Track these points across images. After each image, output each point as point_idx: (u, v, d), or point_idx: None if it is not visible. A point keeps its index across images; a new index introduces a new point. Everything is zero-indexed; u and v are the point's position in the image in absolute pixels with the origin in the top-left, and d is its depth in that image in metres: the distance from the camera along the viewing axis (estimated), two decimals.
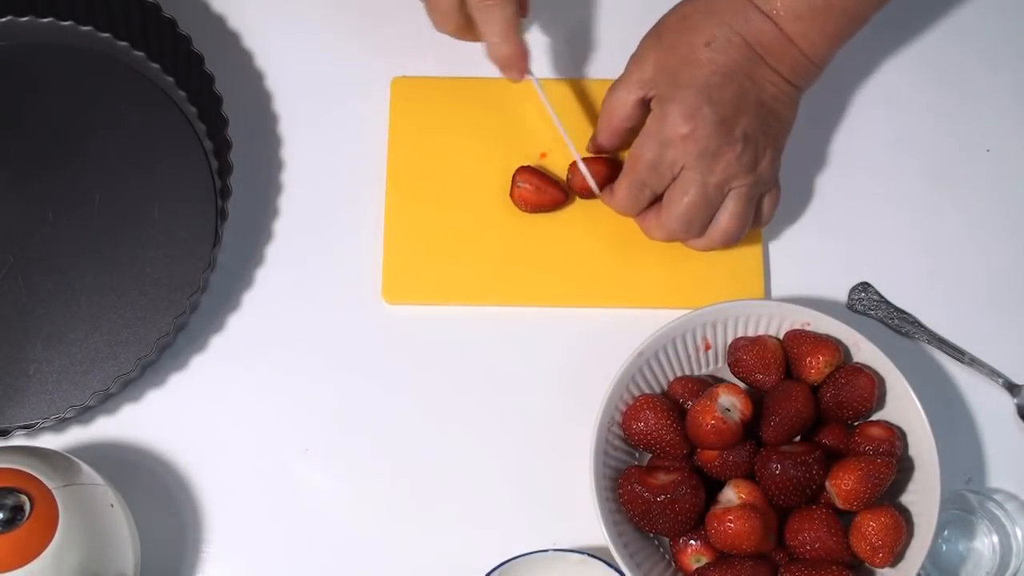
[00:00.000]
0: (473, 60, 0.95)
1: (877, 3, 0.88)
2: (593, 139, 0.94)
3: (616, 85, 0.90)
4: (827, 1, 0.86)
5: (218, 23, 0.99)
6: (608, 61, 0.98)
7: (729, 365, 0.89)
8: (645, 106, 0.88)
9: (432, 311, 0.94)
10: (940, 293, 0.94)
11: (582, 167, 0.92)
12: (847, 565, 0.84)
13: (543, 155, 0.96)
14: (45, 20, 0.96)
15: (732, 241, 0.89)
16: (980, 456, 0.91)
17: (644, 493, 0.83)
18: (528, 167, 0.94)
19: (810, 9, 0.86)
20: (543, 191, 0.93)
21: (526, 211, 0.94)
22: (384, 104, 0.97)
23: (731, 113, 0.85)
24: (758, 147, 0.87)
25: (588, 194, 0.93)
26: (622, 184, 0.89)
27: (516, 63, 0.89)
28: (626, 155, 0.90)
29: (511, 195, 0.93)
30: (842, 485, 0.83)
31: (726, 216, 0.88)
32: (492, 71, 0.96)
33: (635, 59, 0.89)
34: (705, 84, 0.85)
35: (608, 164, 0.93)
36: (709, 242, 0.90)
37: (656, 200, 0.89)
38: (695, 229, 0.89)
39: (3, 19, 0.96)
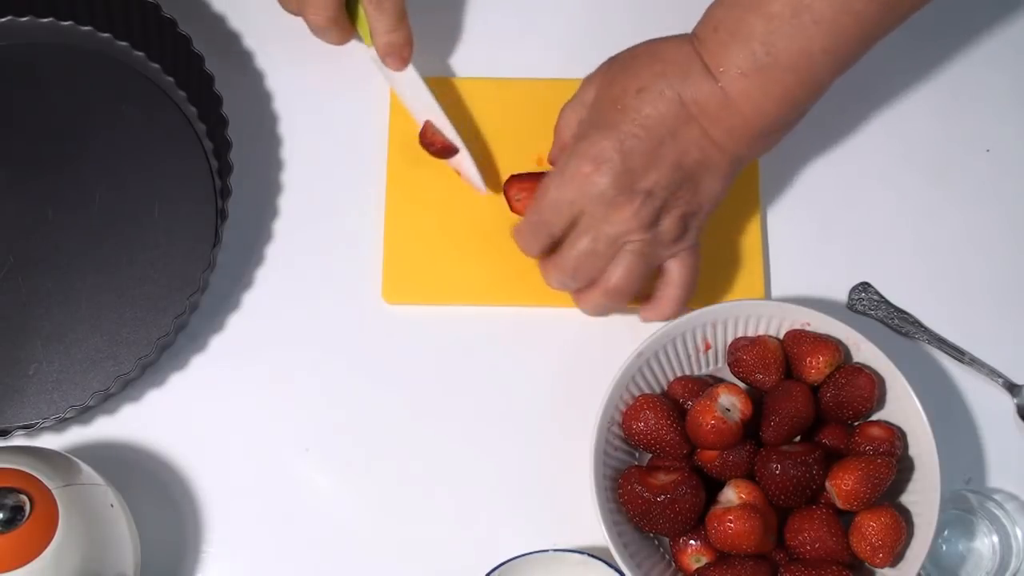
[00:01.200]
0: (473, 60, 0.95)
1: (833, 68, 0.82)
2: (550, 155, 0.91)
3: (568, 104, 0.88)
4: (774, 60, 0.80)
5: (218, 23, 0.99)
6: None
7: (729, 365, 0.89)
8: None
9: (432, 311, 0.94)
10: (940, 293, 0.94)
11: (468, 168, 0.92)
12: (847, 565, 0.84)
13: (539, 160, 0.95)
14: (45, 20, 0.96)
15: (621, 302, 0.86)
16: (980, 456, 0.91)
17: (644, 493, 0.83)
18: (515, 177, 0.92)
19: (756, 67, 0.80)
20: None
21: None
22: (384, 104, 0.97)
23: (639, 166, 0.82)
24: (663, 206, 0.83)
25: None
26: (524, 222, 0.87)
27: (403, 51, 0.90)
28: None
29: (512, 209, 0.92)
30: (842, 485, 0.83)
31: (616, 272, 0.84)
32: (492, 71, 0.96)
33: (587, 80, 0.87)
34: (623, 131, 0.82)
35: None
36: (596, 301, 0.86)
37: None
38: (581, 278, 0.85)
39: (3, 19, 0.96)
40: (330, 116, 0.97)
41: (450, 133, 0.92)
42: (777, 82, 0.81)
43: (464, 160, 0.93)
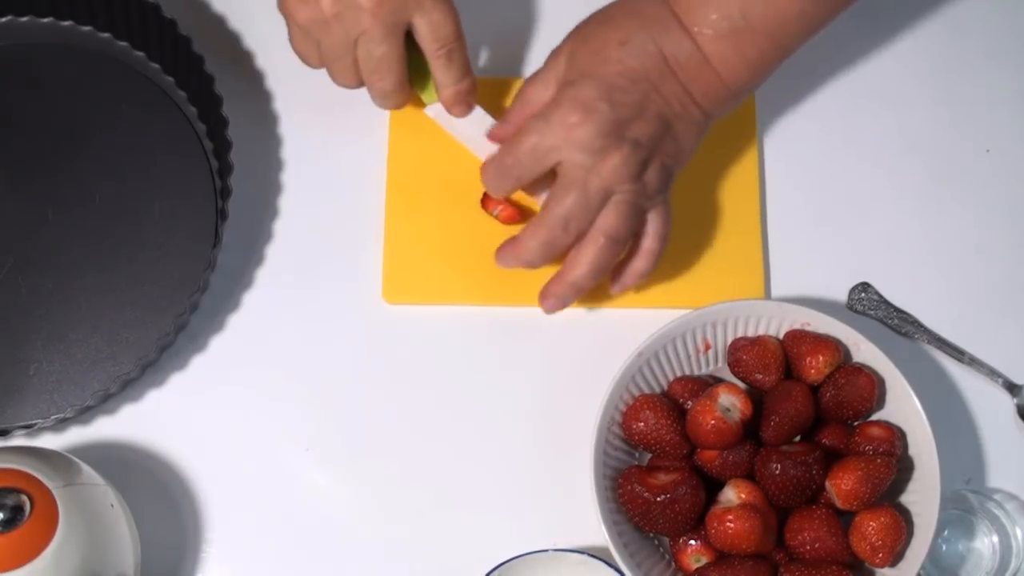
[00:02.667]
0: (473, 61, 0.95)
1: (801, 33, 0.84)
2: (495, 130, 0.88)
3: (532, 79, 0.87)
4: (750, 24, 0.82)
5: (218, 23, 0.99)
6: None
7: (729, 365, 0.89)
8: None
9: (432, 311, 0.94)
10: (940, 293, 0.94)
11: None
12: (847, 565, 0.84)
13: None
14: (45, 20, 0.96)
15: (613, 256, 0.85)
16: (980, 456, 0.91)
17: (644, 493, 0.83)
18: (488, 195, 0.93)
19: (732, 30, 0.82)
20: (514, 204, 0.93)
21: (514, 224, 0.93)
22: None
23: (627, 117, 0.82)
24: (649, 156, 0.83)
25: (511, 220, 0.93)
26: (490, 162, 0.86)
27: (469, 99, 0.89)
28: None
29: (499, 220, 0.93)
30: (842, 485, 0.83)
31: (608, 218, 0.83)
32: (492, 72, 0.96)
33: (553, 53, 0.86)
34: (609, 82, 0.82)
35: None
36: (588, 258, 0.84)
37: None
38: (572, 229, 0.83)
39: (3, 19, 0.96)
40: (330, 116, 0.97)
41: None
42: (752, 45, 0.83)
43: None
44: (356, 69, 0.87)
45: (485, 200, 0.93)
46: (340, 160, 0.97)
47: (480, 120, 0.90)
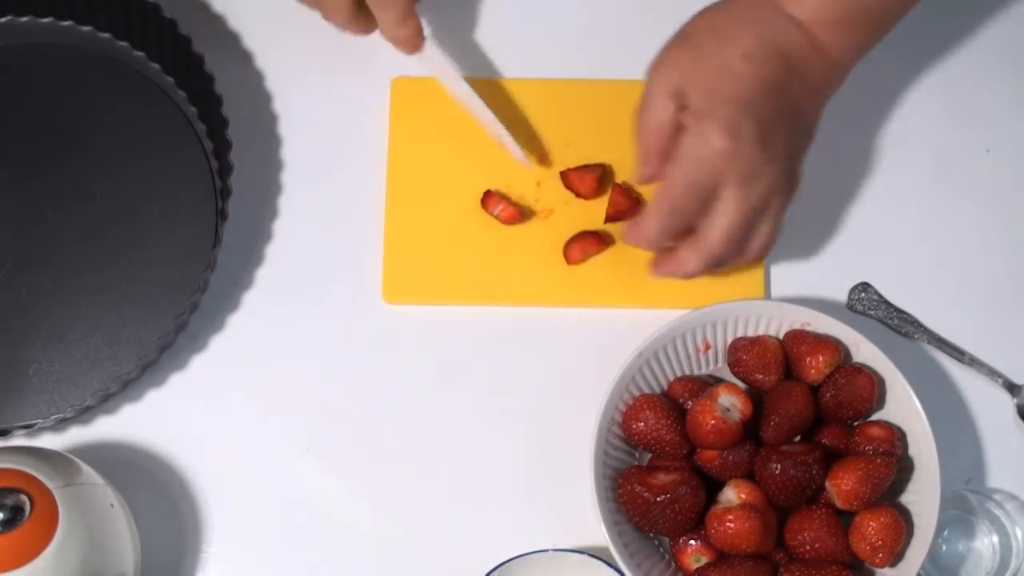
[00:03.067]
0: (473, 60, 0.95)
1: (903, 9, 0.86)
2: (638, 170, 0.85)
3: (646, 104, 0.83)
4: (859, 10, 0.83)
5: (218, 23, 0.99)
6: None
7: (729, 365, 0.89)
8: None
9: (432, 311, 0.94)
10: (940, 293, 0.94)
11: (514, 150, 0.93)
12: (847, 565, 0.84)
13: (541, 158, 0.96)
14: (45, 20, 0.96)
15: (762, 257, 0.87)
16: (980, 456, 0.91)
17: (644, 493, 0.83)
18: (488, 195, 0.93)
19: (845, 15, 0.83)
20: (514, 204, 0.93)
21: (514, 223, 0.94)
22: (384, 104, 0.97)
23: (771, 129, 0.81)
24: (794, 163, 0.84)
25: (618, 216, 0.92)
26: (652, 215, 0.83)
27: (414, 42, 0.90)
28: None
29: (500, 220, 0.93)
30: (842, 485, 0.83)
31: (763, 236, 0.85)
32: (492, 72, 0.96)
33: (660, 69, 0.83)
34: (746, 99, 0.81)
35: (597, 175, 0.94)
36: (733, 265, 0.86)
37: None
38: (734, 252, 0.84)
39: (3, 19, 0.96)
40: (330, 116, 0.97)
41: (494, 126, 0.93)
42: (864, 25, 0.84)
43: (509, 143, 0.93)
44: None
45: (485, 200, 0.93)
46: (340, 160, 0.96)
47: (452, 77, 0.92)
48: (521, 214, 0.93)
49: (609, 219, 0.93)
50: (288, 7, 0.99)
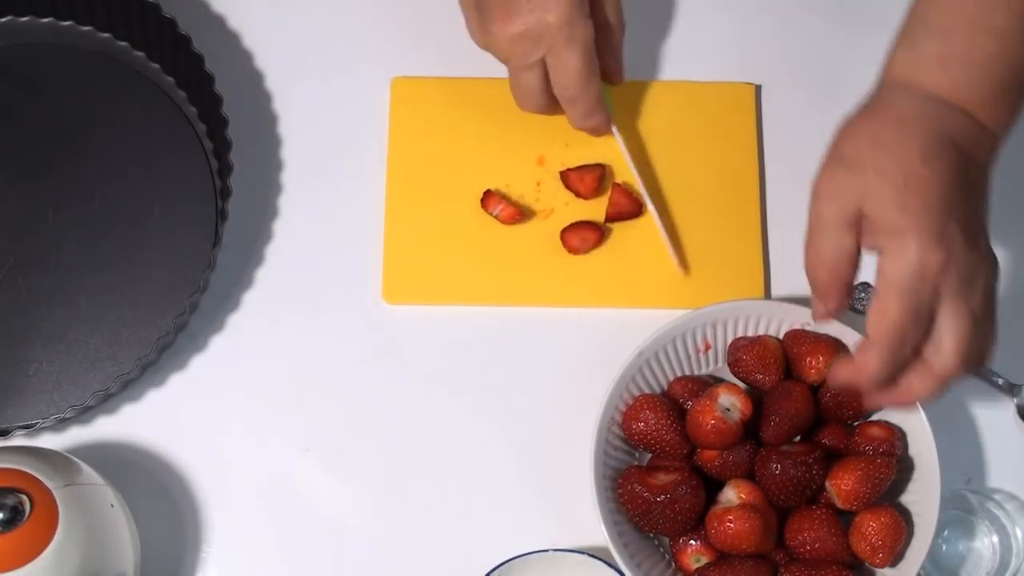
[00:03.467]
0: (473, 60, 0.95)
1: None
2: (817, 308, 0.79)
3: (820, 237, 0.78)
4: (1008, 79, 0.77)
5: (218, 23, 0.99)
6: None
7: (729, 365, 0.89)
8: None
9: (432, 311, 0.94)
10: None
11: (667, 243, 0.93)
12: (847, 565, 0.84)
13: (540, 159, 0.96)
14: (45, 20, 0.96)
15: (986, 361, 0.80)
16: (980, 456, 0.91)
17: (644, 493, 0.83)
18: (488, 195, 0.93)
19: (1002, 88, 0.77)
20: (514, 204, 0.94)
21: (514, 223, 0.94)
22: (384, 104, 0.97)
23: (972, 224, 0.76)
24: (990, 246, 0.79)
25: (617, 217, 0.94)
26: (874, 351, 0.75)
27: (601, 130, 0.93)
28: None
29: (500, 220, 0.94)
30: (842, 485, 0.83)
31: (987, 337, 0.79)
32: (492, 72, 0.96)
33: (826, 199, 0.78)
34: (942, 202, 0.74)
35: (597, 175, 0.94)
36: (972, 371, 0.79)
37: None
38: (968, 364, 0.77)
39: (3, 19, 0.96)
40: (330, 116, 0.97)
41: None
42: (1015, 95, 0.78)
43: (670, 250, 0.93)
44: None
45: (485, 200, 0.93)
46: (340, 160, 0.96)
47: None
48: (521, 214, 0.93)
49: (609, 219, 0.93)
50: (289, 7, 1.00)
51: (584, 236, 0.93)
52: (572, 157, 0.95)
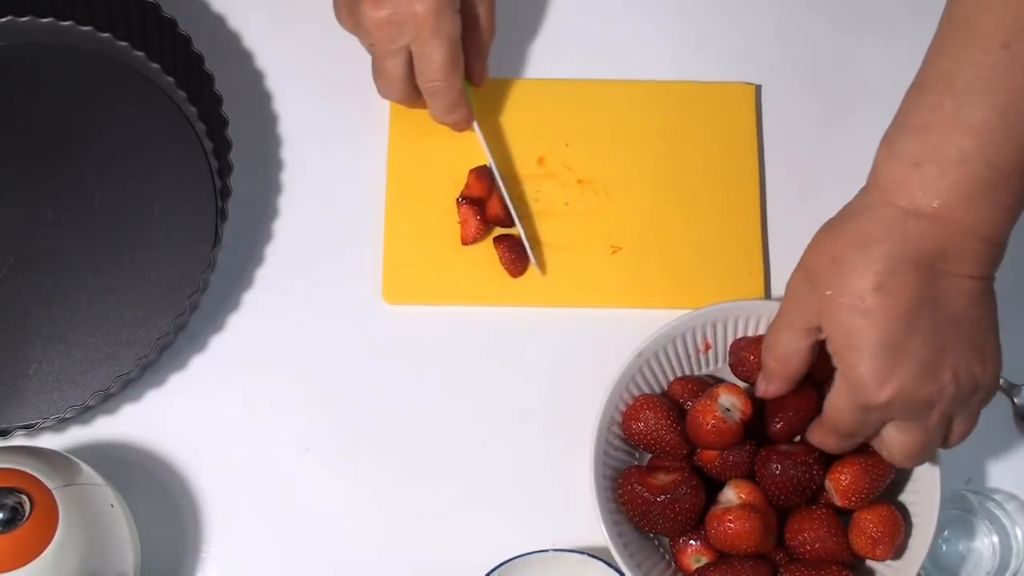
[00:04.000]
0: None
1: None
2: (760, 385, 0.82)
3: (779, 332, 0.78)
4: (996, 170, 0.72)
5: (218, 23, 0.99)
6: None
7: (730, 365, 0.89)
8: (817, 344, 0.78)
9: (432, 311, 0.94)
10: None
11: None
12: (847, 565, 0.84)
13: (540, 159, 0.96)
14: (45, 20, 0.96)
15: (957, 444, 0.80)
16: (980, 456, 0.91)
17: (644, 493, 0.83)
18: (461, 203, 0.94)
19: (980, 186, 0.72)
20: (480, 216, 0.93)
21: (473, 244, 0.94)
22: (384, 104, 0.97)
23: (930, 356, 0.73)
24: (972, 371, 0.75)
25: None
26: (829, 436, 0.80)
27: (461, 127, 0.93)
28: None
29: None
30: (840, 480, 0.83)
31: (959, 429, 0.78)
32: (494, 71, 0.96)
33: (792, 302, 0.78)
34: (890, 340, 0.73)
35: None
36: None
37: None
38: (931, 456, 0.81)
39: (3, 19, 0.96)
40: (330, 116, 0.97)
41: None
42: (1006, 191, 0.73)
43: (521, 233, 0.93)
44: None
45: (459, 206, 0.94)
46: (340, 160, 0.97)
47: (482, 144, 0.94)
48: (483, 233, 0.93)
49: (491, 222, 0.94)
50: (289, 7, 1.00)
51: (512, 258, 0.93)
52: (572, 157, 0.95)
